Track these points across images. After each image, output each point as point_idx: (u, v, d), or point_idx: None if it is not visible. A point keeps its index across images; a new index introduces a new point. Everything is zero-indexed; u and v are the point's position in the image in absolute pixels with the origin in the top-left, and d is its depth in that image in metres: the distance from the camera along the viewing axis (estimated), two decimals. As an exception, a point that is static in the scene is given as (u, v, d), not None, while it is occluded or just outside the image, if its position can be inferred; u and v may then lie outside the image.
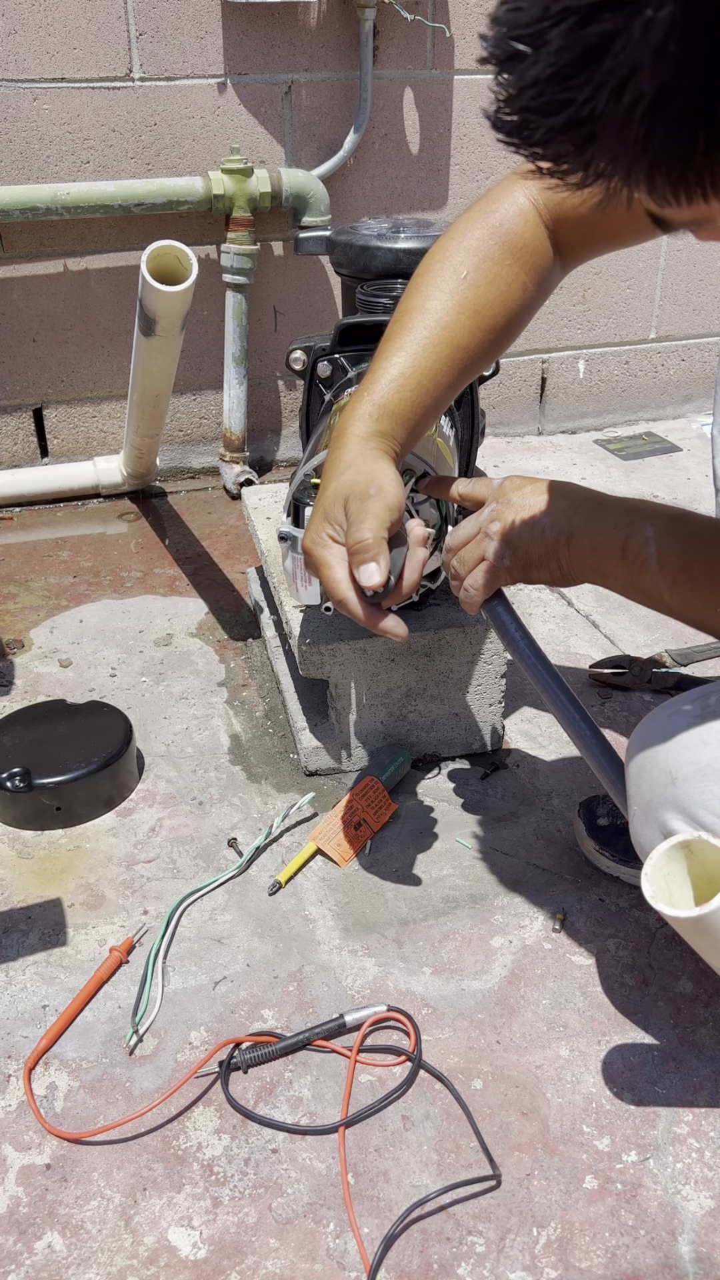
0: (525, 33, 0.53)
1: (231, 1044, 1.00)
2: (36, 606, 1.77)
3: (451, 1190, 0.88)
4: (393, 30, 2.06)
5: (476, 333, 0.98)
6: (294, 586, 1.18)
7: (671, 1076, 0.98)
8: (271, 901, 1.17)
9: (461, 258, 1.00)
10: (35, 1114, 0.94)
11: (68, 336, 2.11)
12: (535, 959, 1.10)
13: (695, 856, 0.83)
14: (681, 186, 0.56)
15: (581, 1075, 0.98)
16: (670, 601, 0.87)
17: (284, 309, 2.22)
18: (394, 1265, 0.84)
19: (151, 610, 1.76)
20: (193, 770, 1.38)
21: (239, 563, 1.92)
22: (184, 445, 2.29)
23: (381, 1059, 0.99)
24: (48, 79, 1.91)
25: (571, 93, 0.53)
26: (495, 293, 0.99)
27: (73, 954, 1.10)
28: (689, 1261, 0.84)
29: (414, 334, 0.98)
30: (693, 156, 0.55)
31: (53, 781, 1.25)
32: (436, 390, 0.97)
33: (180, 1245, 0.85)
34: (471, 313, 0.98)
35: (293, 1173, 0.90)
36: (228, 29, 1.97)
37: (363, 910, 1.16)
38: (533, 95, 0.54)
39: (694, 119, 0.53)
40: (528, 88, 0.54)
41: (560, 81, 0.53)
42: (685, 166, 0.55)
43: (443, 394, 0.99)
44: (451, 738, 1.38)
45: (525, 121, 0.56)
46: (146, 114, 1.98)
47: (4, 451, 2.18)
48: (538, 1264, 0.84)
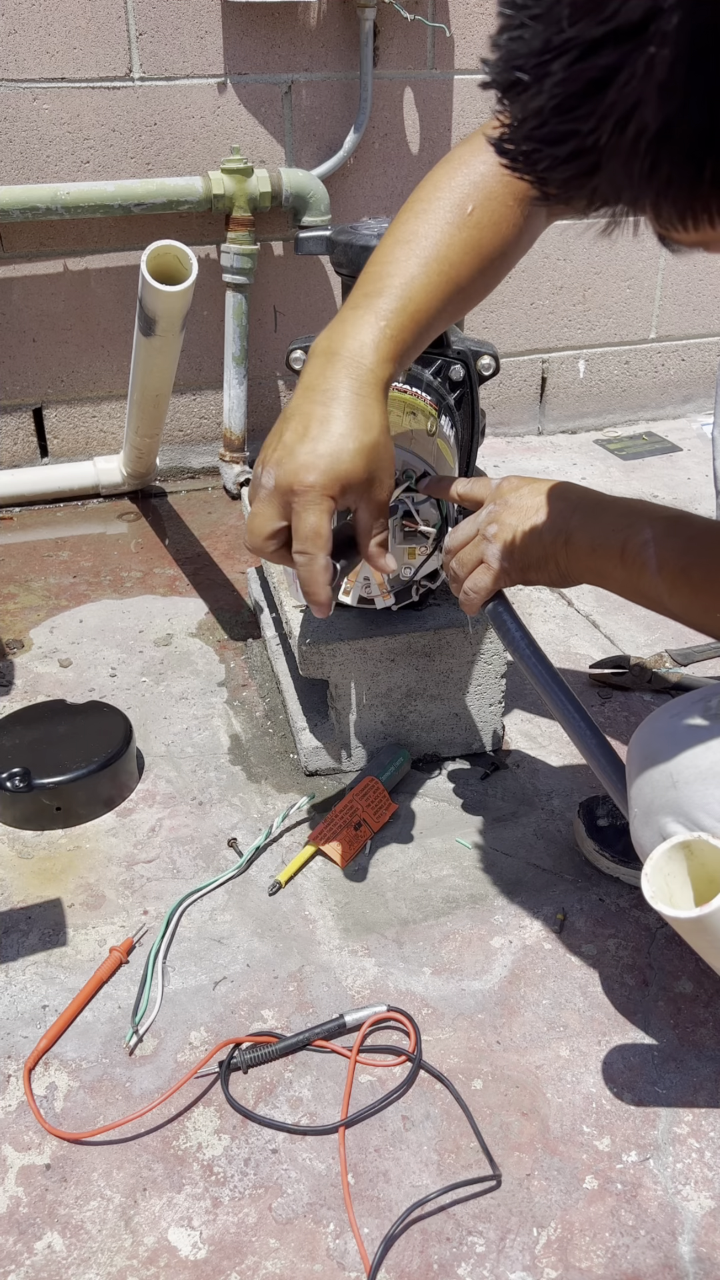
0: (527, 63, 0.53)
1: (231, 1044, 1.00)
2: (36, 606, 1.77)
3: (451, 1190, 0.88)
4: (393, 30, 2.06)
5: (474, 273, 0.97)
6: (294, 586, 1.18)
7: (672, 1077, 0.98)
8: (271, 901, 1.17)
9: (469, 188, 0.97)
10: (35, 1114, 0.94)
11: (68, 336, 2.11)
12: (535, 959, 1.10)
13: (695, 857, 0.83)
14: (688, 214, 0.56)
15: (581, 1075, 0.98)
16: (670, 604, 0.87)
17: (284, 309, 2.22)
18: (394, 1265, 0.84)
19: (151, 610, 1.76)
20: (193, 770, 1.38)
21: (239, 563, 1.92)
22: (184, 445, 2.29)
23: (381, 1059, 0.99)
24: (48, 79, 1.91)
25: (575, 124, 0.53)
26: (498, 235, 0.97)
27: (73, 954, 1.10)
28: (689, 1262, 0.84)
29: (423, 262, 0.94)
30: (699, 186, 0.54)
31: (53, 781, 1.25)
32: (433, 327, 0.96)
33: (180, 1245, 0.85)
34: (475, 253, 0.96)
35: (293, 1173, 0.90)
36: (228, 29, 1.97)
37: (363, 910, 1.16)
38: (535, 125, 0.54)
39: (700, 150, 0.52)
40: (530, 117, 0.54)
41: (564, 113, 0.53)
42: (691, 196, 0.55)
43: (434, 332, 0.97)
44: (451, 738, 1.38)
45: (530, 150, 0.56)
46: (146, 114, 1.98)
47: (4, 451, 2.17)
48: (538, 1264, 0.84)
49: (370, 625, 1.30)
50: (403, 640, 1.29)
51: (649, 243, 2.38)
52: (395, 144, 2.15)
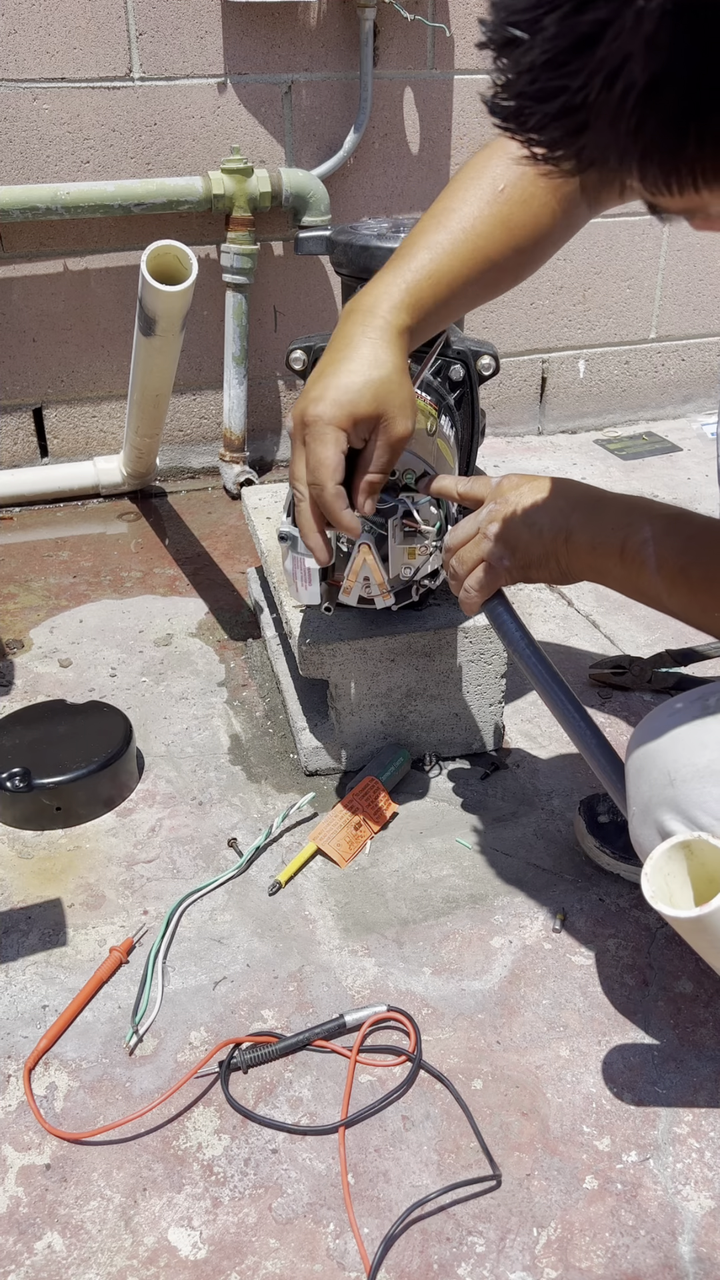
0: (522, 18, 0.53)
1: (231, 1044, 1.00)
2: (36, 606, 1.77)
3: (452, 1190, 0.88)
4: (393, 30, 2.06)
5: (507, 249, 0.99)
6: (294, 586, 1.18)
7: (672, 1076, 0.98)
8: (271, 901, 1.17)
9: (500, 171, 0.99)
10: (35, 1114, 0.94)
11: (68, 336, 2.11)
12: (535, 959, 1.10)
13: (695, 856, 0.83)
14: (674, 176, 0.56)
15: (581, 1075, 0.98)
16: (669, 603, 0.87)
17: (284, 309, 2.22)
18: (394, 1265, 0.84)
19: (151, 610, 1.76)
20: (193, 770, 1.38)
21: (239, 562, 1.92)
22: (184, 445, 2.29)
23: (381, 1059, 0.99)
24: (47, 79, 1.91)
25: (565, 80, 0.53)
26: (529, 213, 0.99)
27: (73, 954, 1.10)
28: (689, 1262, 0.84)
29: (450, 232, 0.98)
30: (684, 148, 0.55)
31: (53, 781, 1.25)
32: (460, 294, 0.98)
33: (180, 1245, 0.85)
34: (505, 228, 0.98)
35: (293, 1173, 0.90)
36: (228, 29, 1.97)
37: (363, 910, 1.16)
38: (528, 81, 0.55)
39: (686, 110, 0.53)
40: (523, 73, 0.54)
41: (555, 68, 0.53)
42: (677, 157, 0.55)
43: (463, 301, 0.99)
44: (451, 738, 1.38)
45: (520, 108, 0.56)
46: (146, 114, 1.98)
47: (4, 451, 2.17)
48: (538, 1264, 0.84)
49: (370, 625, 1.30)
50: (403, 640, 1.29)
51: (649, 243, 2.38)
52: (395, 144, 2.15)
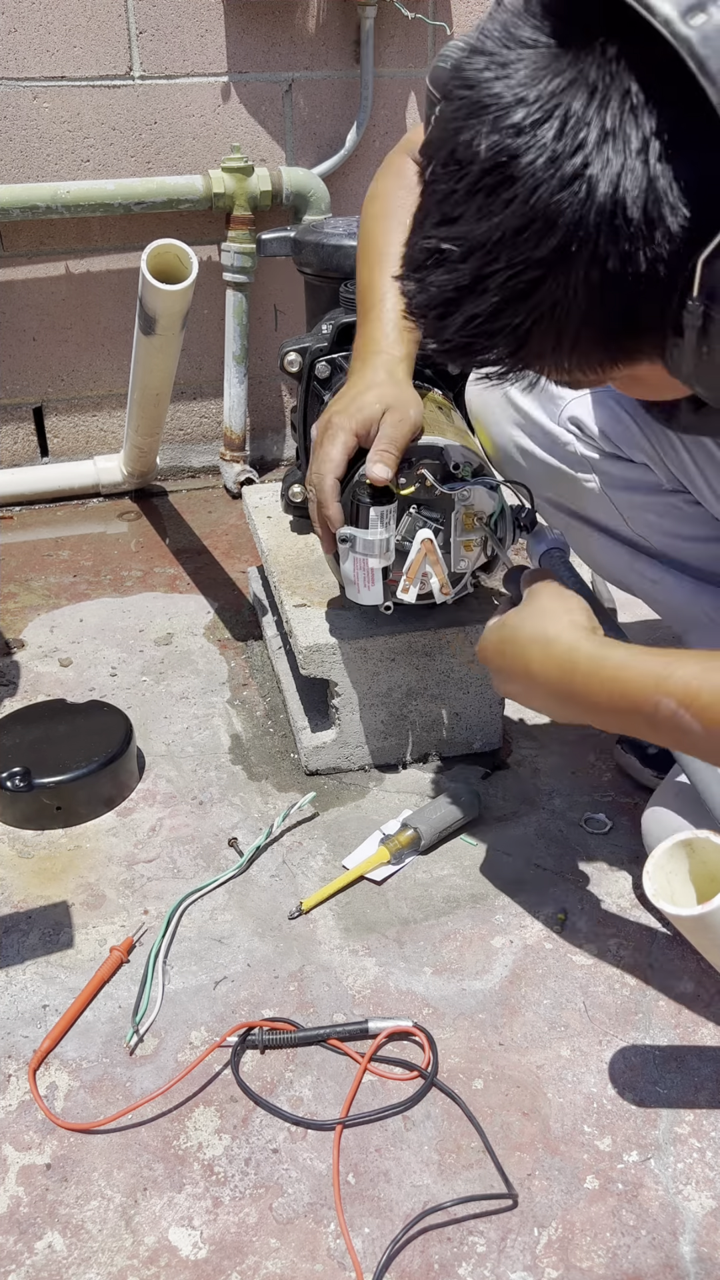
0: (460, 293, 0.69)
1: (244, 1028, 1.00)
2: (36, 606, 1.77)
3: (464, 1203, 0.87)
4: (394, 28, 2.06)
5: None
6: (356, 587, 1.18)
7: (673, 1076, 0.98)
8: (272, 901, 1.17)
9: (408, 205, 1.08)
10: (42, 1109, 0.94)
11: (68, 335, 2.10)
12: (536, 959, 1.10)
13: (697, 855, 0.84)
14: (599, 374, 0.74)
15: (582, 1075, 0.98)
16: None
17: (284, 308, 2.22)
18: (394, 1264, 0.83)
19: (152, 609, 1.75)
20: (193, 770, 1.38)
21: (240, 562, 1.91)
22: (184, 444, 2.28)
23: (391, 1070, 0.99)
24: (47, 77, 1.91)
25: (509, 319, 0.69)
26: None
27: (73, 954, 1.10)
28: (690, 1262, 0.84)
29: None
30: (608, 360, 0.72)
31: (53, 781, 1.25)
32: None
33: (181, 1245, 0.85)
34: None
35: (293, 1173, 0.90)
36: (228, 27, 1.97)
37: (363, 910, 1.16)
38: (476, 327, 0.70)
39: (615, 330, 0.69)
40: (466, 322, 0.70)
41: (498, 315, 0.69)
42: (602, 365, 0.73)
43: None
44: (452, 737, 1.38)
45: (468, 343, 0.71)
46: (147, 112, 1.98)
47: (4, 451, 2.17)
48: (539, 1264, 0.84)
49: (371, 625, 1.29)
50: (403, 640, 1.29)
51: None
52: (396, 142, 2.15)
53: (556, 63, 0.65)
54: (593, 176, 0.64)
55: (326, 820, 1.28)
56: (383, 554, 1.16)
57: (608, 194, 0.64)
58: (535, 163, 0.64)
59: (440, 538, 1.19)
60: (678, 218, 0.65)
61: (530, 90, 0.64)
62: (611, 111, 0.63)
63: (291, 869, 1.21)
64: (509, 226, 0.66)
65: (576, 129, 0.63)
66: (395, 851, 1.19)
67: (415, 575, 1.19)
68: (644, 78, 0.63)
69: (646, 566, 1.26)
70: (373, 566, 1.16)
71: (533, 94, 0.64)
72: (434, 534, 1.18)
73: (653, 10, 0.62)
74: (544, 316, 0.68)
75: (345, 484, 1.12)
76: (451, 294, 0.69)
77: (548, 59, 0.65)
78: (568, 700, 0.90)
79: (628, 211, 0.64)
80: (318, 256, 1.44)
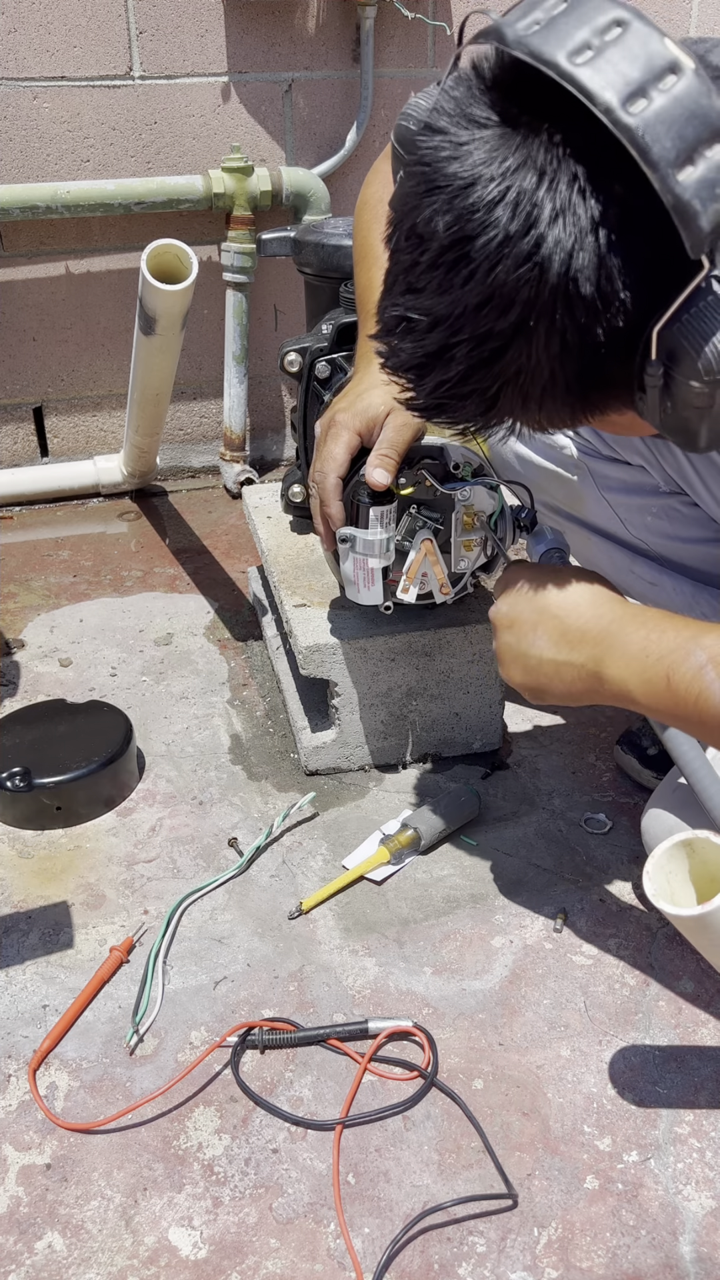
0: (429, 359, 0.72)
1: (244, 1028, 1.00)
2: (36, 606, 1.77)
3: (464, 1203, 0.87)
4: (393, 28, 2.06)
5: None
6: (356, 587, 1.19)
7: (673, 1076, 0.98)
8: (272, 901, 1.17)
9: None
10: (42, 1109, 0.94)
11: (68, 335, 2.10)
12: (536, 959, 1.10)
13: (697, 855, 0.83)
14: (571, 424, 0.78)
15: (582, 1075, 0.98)
16: None
17: (284, 307, 2.22)
18: (394, 1264, 0.83)
19: (152, 609, 1.75)
20: (193, 770, 1.38)
21: (240, 562, 1.91)
22: (184, 444, 2.28)
23: (391, 1070, 0.99)
24: (48, 77, 1.91)
25: (478, 384, 0.72)
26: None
27: (73, 954, 1.10)
28: (690, 1262, 0.84)
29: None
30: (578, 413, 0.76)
31: (53, 781, 1.25)
32: None
33: (181, 1245, 0.85)
34: None
35: (293, 1173, 0.90)
36: (228, 27, 1.97)
37: (363, 910, 1.16)
38: (446, 391, 0.73)
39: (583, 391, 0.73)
40: (438, 386, 0.73)
41: (467, 379, 0.72)
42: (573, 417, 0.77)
43: None
44: (452, 737, 1.38)
45: (440, 404, 0.75)
46: (147, 112, 1.98)
47: (4, 451, 2.17)
48: (539, 1264, 0.84)
49: (371, 625, 1.29)
50: (403, 640, 1.29)
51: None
52: (396, 143, 2.15)
53: (506, 144, 0.67)
54: (546, 256, 0.66)
55: (326, 820, 1.28)
56: (383, 554, 1.16)
57: (561, 273, 0.66)
58: (491, 242, 0.67)
59: (440, 538, 1.19)
60: (630, 292, 0.68)
61: (484, 170, 0.67)
62: (560, 193, 0.66)
63: (291, 869, 1.21)
64: (469, 302, 0.69)
65: (528, 210, 0.66)
66: (395, 851, 1.19)
67: (415, 575, 1.19)
68: (589, 161, 0.66)
69: (645, 569, 1.26)
70: (373, 566, 1.16)
71: (486, 174, 0.67)
72: (434, 534, 1.18)
73: (593, 99, 0.64)
74: (509, 382, 0.71)
75: (347, 483, 1.12)
76: (421, 360, 0.73)
77: (499, 140, 0.67)
78: (589, 639, 0.87)
79: (581, 288, 0.67)
80: (318, 256, 1.44)
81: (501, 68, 0.69)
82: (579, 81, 0.64)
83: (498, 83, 0.69)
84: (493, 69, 0.70)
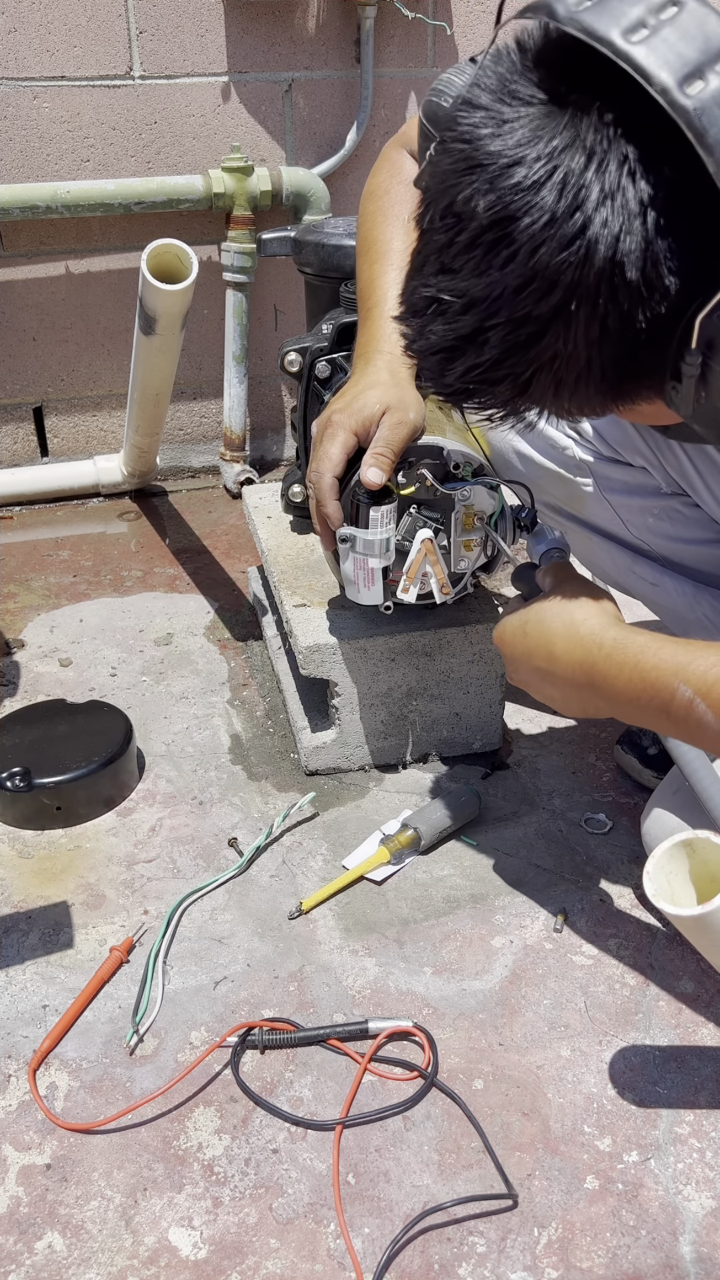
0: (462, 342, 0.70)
1: (244, 1028, 1.00)
2: (36, 606, 1.77)
3: (464, 1204, 0.88)
4: (394, 28, 2.06)
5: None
6: (356, 587, 1.18)
7: (673, 1077, 0.98)
8: (272, 901, 1.17)
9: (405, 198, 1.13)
10: (42, 1109, 0.94)
11: (68, 335, 2.10)
12: (536, 959, 1.10)
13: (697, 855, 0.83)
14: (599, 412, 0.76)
15: (583, 1075, 0.98)
16: None
17: (284, 307, 2.22)
18: (394, 1265, 0.83)
19: (152, 609, 1.75)
20: (193, 770, 1.38)
21: (240, 562, 1.91)
22: (184, 444, 2.28)
23: (391, 1070, 0.99)
24: (48, 77, 1.91)
25: (511, 369, 0.70)
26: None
27: (73, 954, 1.10)
28: (690, 1262, 0.84)
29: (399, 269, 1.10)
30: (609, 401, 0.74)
31: (53, 781, 1.25)
32: None
33: (181, 1245, 0.85)
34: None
35: (293, 1173, 0.90)
36: (228, 27, 1.96)
37: (363, 910, 1.16)
38: (477, 375, 0.71)
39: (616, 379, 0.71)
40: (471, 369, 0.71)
41: (501, 363, 0.70)
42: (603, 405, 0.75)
43: None
44: (452, 737, 1.38)
45: (469, 390, 0.73)
46: (147, 112, 1.98)
47: (4, 451, 2.17)
48: (539, 1264, 0.84)
49: (371, 625, 1.29)
50: (403, 640, 1.29)
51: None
52: (396, 142, 2.15)
53: (553, 123, 0.65)
54: (592, 239, 0.64)
55: (326, 820, 1.28)
56: (382, 554, 1.16)
57: (607, 256, 0.65)
58: (535, 224, 0.65)
59: (440, 537, 1.19)
60: (675, 279, 0.66)
61: (528, 150, 0.65)
62: (609, 175, 0.64)
63: (291, 869, 1.21)
64: (509, 284, 0.67)
65: (575, 191, 0.64)
66: (395, 851, 1.19)
67: (415, 575, 1.19)
68: (641, 142, 0.64)
69: (646, 569, 1.26)
70: (373, 566, 1.16)
71: (531, 154, 0.65)
72: (434, 534, 1.18)
73: (649, 78, 0.62)
74: (544, 367, 0.69)
75: (344, 483, 1.12)
76: (453, 343, 0.70)
77: (544, 118, 0.65)
78: (585, 685, 0.88)
79: (626, 273, 0.65)
80: (318, 256, 1.44)
81: (548, 44, 0.67)
82: (634, 60, 0.62)
83: (543, 60, 0.67)
84: (538, 45, 0.68)
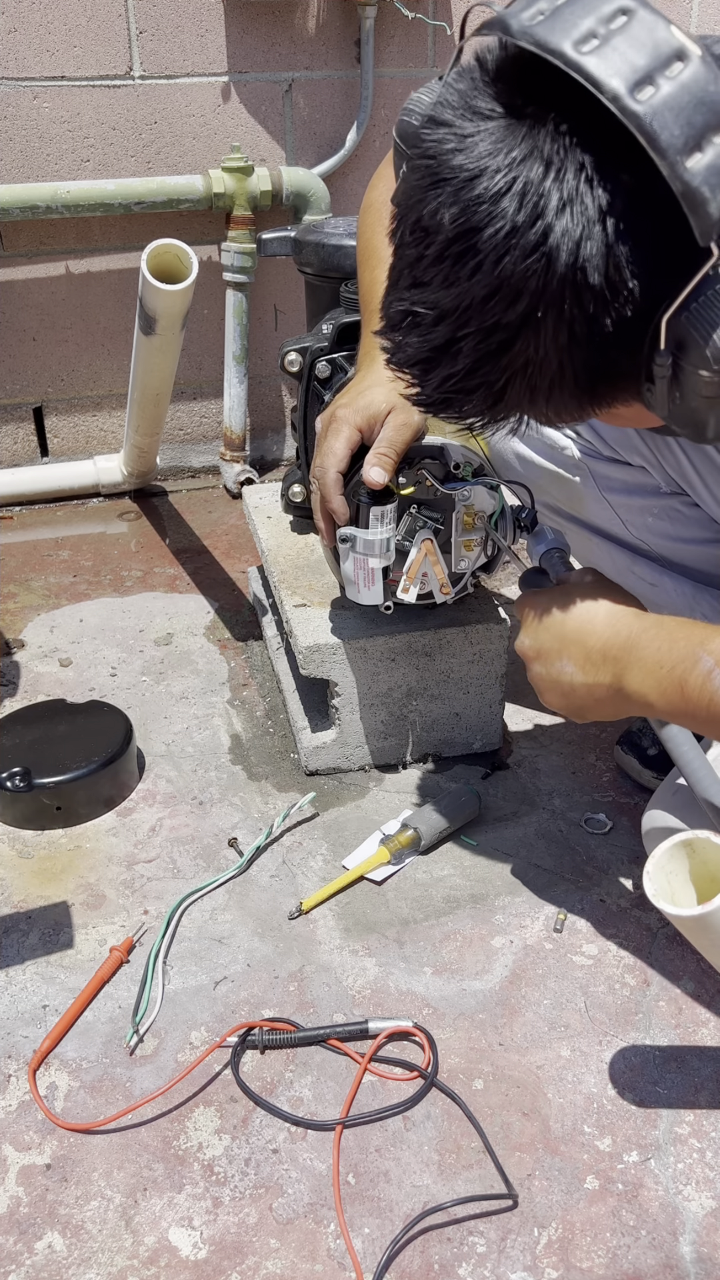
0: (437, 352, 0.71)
1: (244, 1028, 1.00)
2: (37, 606, 1.77)
3: (464, 1204, 0.88)
4: (394, 28, 2.06)
5: None
6: (356, 587, 1.19)
7: (673, 1077, 0.98)
8: (272, 901, 1.17)
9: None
10: (42, 1109, 0.94)
11: (68, 335, 2.10)
12: (536, 959, 1.10)
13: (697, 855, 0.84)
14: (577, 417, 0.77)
15: (583, 1075, 0.98)
16: None
17: (284, 307, 2.22)
18: (394, 1265, 0.83)
19: (152, 609, 1.75)
20: (193, 770, 1.38)
21: (240, 562, 1.91)
22: (184, 444, 2.28)
23: (391, 1070, 0.99)
24: (48, 77, 1.91)
25: (485, 377, 0.72)
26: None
27: (73, 954, 1.10)
28: (690, 1262, 0.84)
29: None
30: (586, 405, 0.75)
31: (53, 781, 1.25)
32: None
33: (181, 1245, 0.85)
34: None
35: (293, 1173, 0.90)
36: (228, 27, 1.96)
37: (363, 910, 1.16)
38: (453, 385, 0.73)
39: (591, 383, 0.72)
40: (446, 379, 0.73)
41: (474, 373, 0.71)
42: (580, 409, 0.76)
43: None
44: (452, 737, 1.38)
45: (447, 400, 0.75)
46: (147, 112, 1.98)
47: (4, 451, 2.17)
48: (539, 1264, 0.84)
49: (371, 625, 1.29)
50: (403, 640, 1.29)
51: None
52: (396, 142, 2.15)
53: (512, 135, 0.66)
54: (554, 246, 0.66)
55: (326, 820, 1.28)
56: (383, 554, 1.16)
57: (569, 262, 0.66)
58: (498, 233, 0.66)
59: (440, 538, 1.19)
60: (638, 281, 0.67)
61: (489, 162, 0.66)
62: (568, 183, 0.65)
63: (291, 869, 1.21)
64: (476, 294, 0.68)
65: (535, 200, 0.65)
66: (395, 851, 1.19)
67: (415, 575, 1.19)
68: (597, 150, 0.65)
69: (645, 569, 1.26)
70: (373, 566, 1.16)
71: (492, 165, 0.66)
72: (434, 534, 1.18)
73: (600, 86, 0.63)
74: (517, 374, 0.71)
75: (348, 478, 1.12)
76: (428, 354, 0.72)
77: (504, 131, 0.66)
78: (610, 657, 0.89)
79: (589, 278, 0.67)
80: (318, 256, 1.44)
81: (505, 59, 0.69)
82: (585, 70, 0.63)
83: (502, 74, 0.69)
84: (496, 60, 0.69)
